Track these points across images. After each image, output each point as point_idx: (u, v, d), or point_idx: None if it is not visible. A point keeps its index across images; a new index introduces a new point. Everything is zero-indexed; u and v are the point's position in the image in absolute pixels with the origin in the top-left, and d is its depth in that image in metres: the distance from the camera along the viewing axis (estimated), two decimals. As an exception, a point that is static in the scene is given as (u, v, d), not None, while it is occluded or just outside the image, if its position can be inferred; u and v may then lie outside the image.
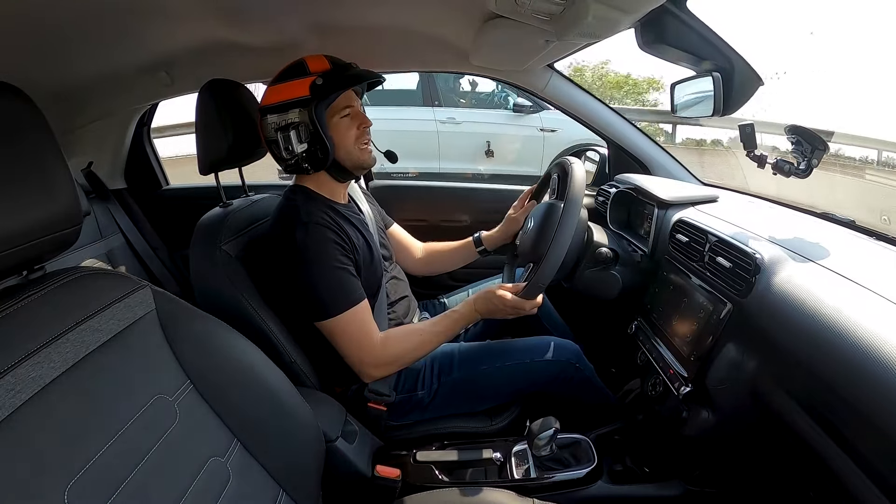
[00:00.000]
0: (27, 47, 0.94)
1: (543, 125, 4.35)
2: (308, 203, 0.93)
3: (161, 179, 1.82)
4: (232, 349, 0.67)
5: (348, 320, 0.89)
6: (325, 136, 0.90)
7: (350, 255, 0.92)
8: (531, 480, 0.87)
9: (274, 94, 0.91)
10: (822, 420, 0.58)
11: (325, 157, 0.91)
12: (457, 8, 1.00)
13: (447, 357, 1.02)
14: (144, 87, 1.44)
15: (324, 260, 0.88)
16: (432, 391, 0.99)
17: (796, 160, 0.83)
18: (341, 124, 0.94)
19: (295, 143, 0.89)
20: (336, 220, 0.93)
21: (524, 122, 4.38)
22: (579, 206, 0.91)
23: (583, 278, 1.05)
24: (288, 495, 0.66)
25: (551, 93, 1.41)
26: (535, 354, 1.02)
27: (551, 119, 4.30)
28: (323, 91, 0.88)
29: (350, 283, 0.90)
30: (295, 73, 0.90)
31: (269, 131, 0.93)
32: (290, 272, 0.89)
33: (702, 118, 0.94)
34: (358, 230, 0.98)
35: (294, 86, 0.90)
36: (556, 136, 4.33)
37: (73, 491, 0.43)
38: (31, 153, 0.49)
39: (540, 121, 4.35)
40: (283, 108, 0.90)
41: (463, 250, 1.28)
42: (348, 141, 0.95)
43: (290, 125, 0.90)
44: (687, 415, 0.82)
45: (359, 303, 0.90)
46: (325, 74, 0.89)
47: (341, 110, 0.94)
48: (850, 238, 0.83)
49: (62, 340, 0.47)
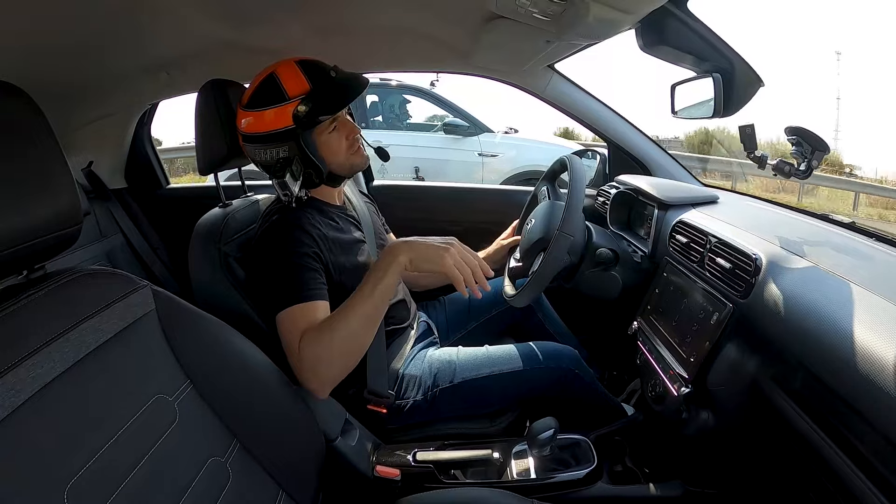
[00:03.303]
0: (27, 47, 0.94)
1: (482, 149, 3.96)
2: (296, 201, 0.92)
3: (161, 179, 1.82)
4: (232, 349, 0.67)
5: (287, 319, 0.79)
6: (317, 160, 0.88)
7: (319, 255, 0.87)
8: (531, 481, 0.86)
9: (253, 122, 0.87)
10: (822, 421, 0.58)
11: (319, 179, 0.90)
12: (457, 9, 1.00)
13: (446, 364, 1.01)
14: (144, 87, 1.44)
15: (281, 255, 0.83)
16: (431, 398, 0.98)
17: (797, 161, 0.83)
18: (331, 140, 0.91)
19: (289, 182, 0.85)
20: (317, 221, 0.90)
21: (460, 145, 3.98)
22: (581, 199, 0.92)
23: (583, 279, 1.06)
24: (288, 495, 0.66)
25: (552, 93, 1.41)
26: (534, 361, 1.02)
27: (492, 143, 3.97)
28: (308, 121, 0.85)
29: (302, 280, 0.82)
30: (271, 97, 0.85)
31: (256, 157, 0.91)
32: (254, 267, 0.88)
33: (704, 119, 0.94)
34: (347, 232, 0.97)
35: (274, 115, 0.85)
36: (497, 162, 3.93)
37: (72, 491, 0.43)
38: (32, 153, 0.49)
39: (479, 144, 3.97)
40: (267, 140, 0.87)
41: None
42: (340, 154, 0.93)
43: (279, 161, 0.86)
44: (687, 416, 0.82)
45: (303, 302, 0.80)
46: (307, 98, 0.84)
47: (328, 126, 0.90)
48: (850, 239, 0.83)
49: (62, 340, 0.47)
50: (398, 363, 1.01)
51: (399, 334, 1.05)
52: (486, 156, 3.97)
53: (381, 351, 0.96)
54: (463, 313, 1.28)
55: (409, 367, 1.01)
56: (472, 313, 1.28)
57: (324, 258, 0.88)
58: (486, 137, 4.00)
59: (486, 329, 1.27)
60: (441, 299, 1.32)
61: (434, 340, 1.15)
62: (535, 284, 0.97)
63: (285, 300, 0.81)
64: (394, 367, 0.99)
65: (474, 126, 4.00)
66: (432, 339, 1.14)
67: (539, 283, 0.96)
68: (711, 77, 0.88)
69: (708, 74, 0.89)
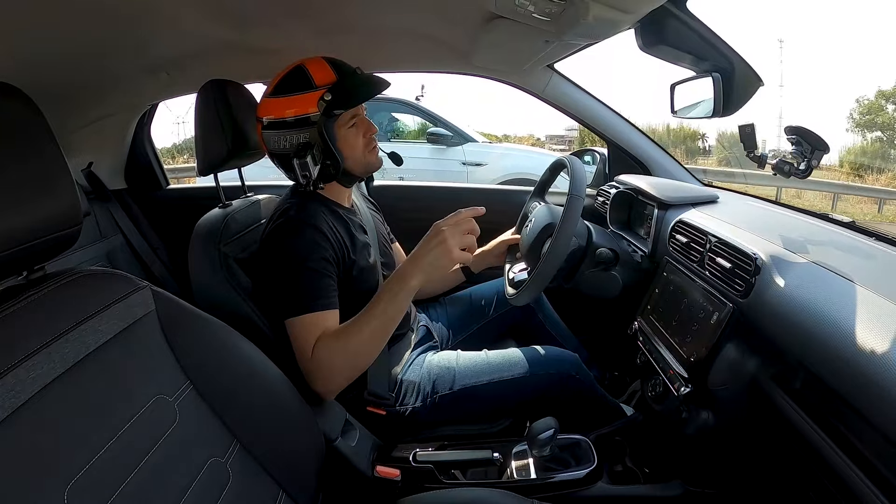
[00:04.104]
0: (27, 47, 0.94)
1: (467, 158, 3.90)
2: (306, 201, 0.91)
3: (161, 180, 1.82)
4: (232, 350, 0.67)
5: (300, 325, 0.82)
6: (335, 151, 0.88)
7: (335, 259, 0.88)
8: (531, 481, 0.87)
9: (277, 107, 0.88)
10: (822, 420, 0.58)
11: (336, 172, 0.90)
12: (457, 9, 1.00)
13: (445, 370, 1.01)
14: (144, 87, 1.44)
15: (298, 258, 0.84)
16: (430, 404, 0.98)
17: (796, 161, 0.83)
18: (349, 135, 0.92)
19: (310, 163, 0.86)
20: (330, 222, 0.90)
21: (445, 155, 3.94)
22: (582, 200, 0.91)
23: (583, 279, 1.05)
24: (288, 495, 0.66)
25: (551, 93, 1.41)
26: (534, 367, 1.01)
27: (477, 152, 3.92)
28: (333, 106, 0.86)
29: (317, 287, 0.84)
30: (299, 84, 0.87)
31: (275, 146, 0.91)
32: (266, 265, 0.87)
33: (703, 118, 0.94)
34: (356, 234, 0.97)
35: (300, 100, 0.86)
36: (482, 171, 3.85)
37: (72, 491, 0.43)
38: (32, 153, 0.49)
39: (463, 154, 3.92)
40: (290, 126, 0.87)
41: (450, 273, 1.26)
42: (357, 150, 0.94)
43: (300, 145, 0.87)
44: (687, 415, 0.82)
45: (318, 311, 0.83)
46: (333, 88, 0.86)
47: (348, 121, 0.92)
48: (850, 238, 0.83)
49: (62, 341, 0.47)
50: (397, 368, 1.01)
51: (399, 340, 1.05)
52: (471, 165, 3.93)
53: (383, 354, 0.96)
54: (464, 314, 1.28)
55: (408, 373, 1.01)
56: (473, 314, 1.28)
57: (337, 258, 0.89)
58: (471, 147, 3.98)
59: (487, 330, 1.27)
60: (442, 300, 1.32)
61: (433, 345, 1.14)
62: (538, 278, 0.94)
63: (299, 307, 0.82)
64: (393, 372, 0.99)
65: (458, 136, 3.97)
66: (431, 343, 1.14)
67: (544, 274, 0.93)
68: (711, 77, 0.88)
69: (707, 74, 0.89)
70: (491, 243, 1.26)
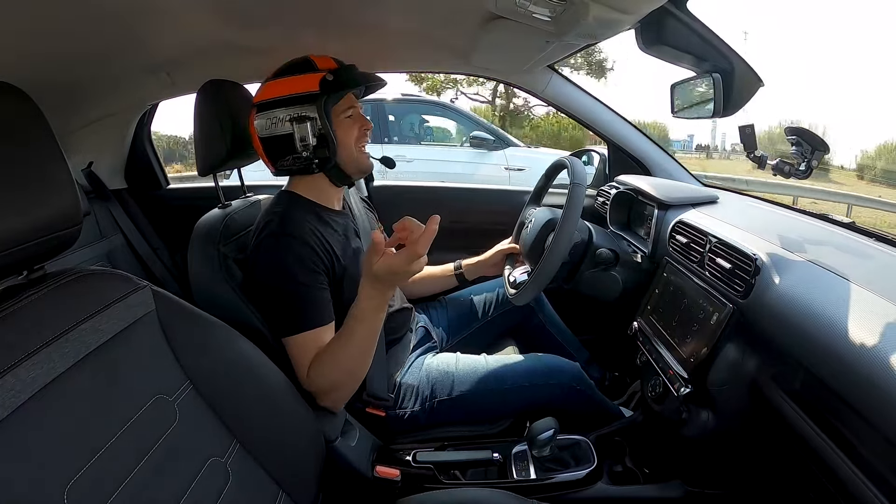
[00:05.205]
0: (27, 47, 0.94)
1: (509, 163, 3.84)
2: (291, 210, 0.89)
3: (161, 179, 1.82)
4: (232, 350, 0.67)
5: (294, 345, 0.83)
6: (331, 133, 0.88)
7: (324, 268, 0.87)
8: (531, 481, 0.87)
9: (277, 87, 0.89)
10: (822, 421, 0.58)
11: (330, 157, 0.89)
12: (457, 9, 1.00)
13: (444, 375, 1.00)
14: (145, 87, 1.44)
15: (286, 275, 0.83)
16: (429, 408, 0.97)
17: (796, 161, 0.83)
18: (344, 124, 0.92)
19: (301, 139, 0.87)
20: (317, 230, 0.88)
21: (486, 159, 3.90)
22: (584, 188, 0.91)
23: (583, 280, 1.06)
24: (288, 496, 0.66)
25: (551, 93, 1.41)
26: (535, 378, 1.01)
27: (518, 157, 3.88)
28: (333, 87, 0.87)
29: (309, 303, 0.84)
30: (301, 68, 0.89)
31: (266, 128, 0.89)
32: (255, 282, 0.87)
33: (704, 118, 0.94)
34: (348, 239, 0.96)
35: (301, 80, 0.88)
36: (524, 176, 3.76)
37: (72, 491, 0.43)
38: (32, 153, 0.49)
39: (505, 158, 3.86)
40: (289, 103, 0.88)
41: (443, 278, 1.28)
42: (350, 139, 0.93)
43: (298, 117, 0.87)
44: (687, 416, 0.82)
45: (311, 329, 0.83)
46: (335, 72, 0.88)
47: (345, 111, 0.92)
48: (850, 239, 0.83)
49: (62, 340, 0.47)
50: (396, 371, 1.00)
51: (397, 342, 1.05)
52: (513, 170, 3.89)
53: (381, 356, 0.95)
54: (465, 314, 1.28)
55: (407, 376, 1.00)
56: (473, 314, 1.28)
57: (326, 267, 0.88)
58: (512, 151, 3.92)
59: (487, 330, 1.27)
60: (442, 300, 1.32)
61: (432, 346, 1.14)
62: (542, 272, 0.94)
63: (293, 326, 0.83)
64: (392, 375, 0.99)
65: (500, 140, 3.93)
66: (430, 344, 1.13)
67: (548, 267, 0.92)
68: (711, 77, 0.88)
69: (708, 74, 0.89)
70: (487, 253, 1.25)
